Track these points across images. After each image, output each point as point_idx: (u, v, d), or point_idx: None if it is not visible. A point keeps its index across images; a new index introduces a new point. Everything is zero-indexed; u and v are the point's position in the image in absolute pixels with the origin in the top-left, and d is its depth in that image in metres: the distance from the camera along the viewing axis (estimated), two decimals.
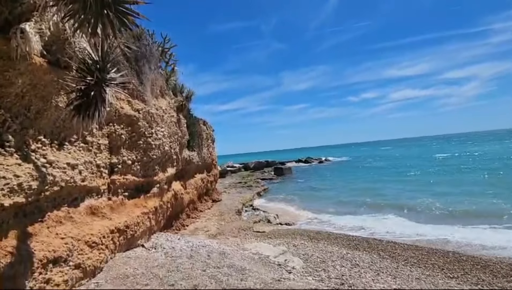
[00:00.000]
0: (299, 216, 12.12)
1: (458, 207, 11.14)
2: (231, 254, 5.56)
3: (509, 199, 11.53)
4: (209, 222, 10.85)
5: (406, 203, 12.46)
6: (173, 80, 8.99)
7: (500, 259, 6.27)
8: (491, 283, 5.15)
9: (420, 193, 14.38)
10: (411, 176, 21.80)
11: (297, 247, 7.48)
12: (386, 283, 5.16)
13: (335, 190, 17.90)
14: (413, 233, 8.82)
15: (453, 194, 13.57)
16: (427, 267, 5.92)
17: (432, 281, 5.25)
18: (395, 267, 5.94)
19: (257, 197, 17.08)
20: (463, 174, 20.05)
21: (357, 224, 10.31)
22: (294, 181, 24.29)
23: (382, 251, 7.04)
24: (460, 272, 5.64)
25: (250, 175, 30.13)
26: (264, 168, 34.83)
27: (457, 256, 6.41)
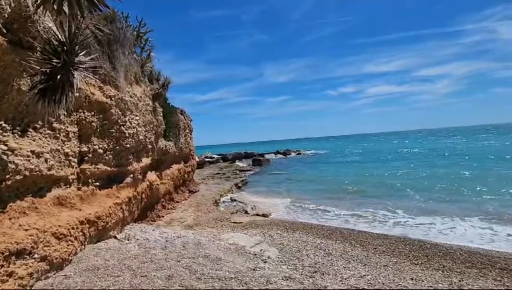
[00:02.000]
0: (276, 207, 12.30)
1: (429, 199, 11.80)
2: (206, 244, 5.55)
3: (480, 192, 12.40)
4: (186, 213, 10.75)
5: (386, 194, 13.00)
6: (149, 67, 8.66)
7: (459, 246, 6.75)
8: (451, 268, 5.53)
9: (399, 185, 15.08)
10: (389, 168, 22.73)
11: (273, 237, 7.61)
12: (356, 270, 5.39)
13: (312, 181, 18.32)
14: (387, 222, 9.26)
15: (428, 188, 14.34)
16: (394, 255, 6.26)
17: (398, 267, 5.56)
18: (365, 255, 6.22)
19: (235, 188, 17.10)
20: (437, 168, 21.21)
21: (333, 214, 10.65)
22: (272, 172, 24.56)
23: (354, 240, 7.33)
24: (424, 259, 6.00)
25: (229, 166, 30.08)
26: (243, 159, 34.91)
27: (421, 244, 6.82)
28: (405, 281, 4.88)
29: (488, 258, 5.88)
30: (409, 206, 10.90)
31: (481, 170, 18.24)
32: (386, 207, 11.07)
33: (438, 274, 5.22)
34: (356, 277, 5.08)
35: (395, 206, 11.10)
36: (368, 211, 10.62)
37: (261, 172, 25.86)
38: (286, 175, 22.71)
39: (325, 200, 12.81)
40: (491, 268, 5.41)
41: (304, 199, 13.37)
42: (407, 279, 4.94)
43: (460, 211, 9.86)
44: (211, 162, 31.59)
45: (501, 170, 17.51)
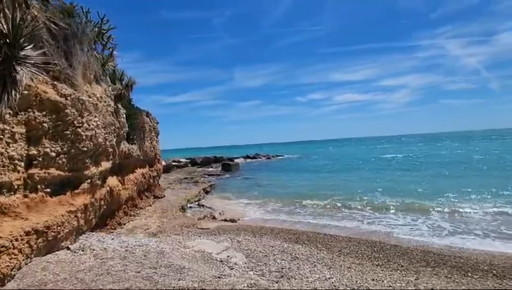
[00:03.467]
0: (245, 212, 12.22)
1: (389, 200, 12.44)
2: (170, 253, 5.30)
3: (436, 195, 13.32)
4: (150, 219, 10.27)
5: (353, 198, 13.46)
6: (111, 66, 8.20)
7: (416, 246, 7.16)
8: (408, 267, 5.83)
9: (365, 188, 15.72)
10: (355, 172, 23.67)
11: (241, 242, 7.51)
12: (321, 273, 5.48)
13: (280, 186, 18.48)
14: (352, 225, 9.57)
15: (392, 189, 15.12)
16: (357, 257, 6.47)
17: (361, 269, 5.75)
18: (330, 258, 6.35)
19: (203, 193, 16.74)
20: (403, 171, 22.50)
21: (301, 217, 10.81)
22: (241, 177, 24.45)
23: (320, 243, 7.47)
24: (384, 260, 6.28)
25: (197, 170, 29.46)
26: (212, 163, 34.40)
27: (382, 246, 7.14)
28: (366, 281, 5.05)
29: (441, 257, 6.29)
30: (374, 206, 11.41)
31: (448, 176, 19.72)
32: (353, 209, 11.49)
33: (397, 273, 5.47)
34: (321, 280, 5.15)
35: (360, 207, 11.56)
36: (335, 214, 10.93)
37: (230, 176, 25.65)
38: (256, 179, 22.74)
39: (294, 204, 12.98)
40: (443, 266, 5.80)
41: (273, 203, 13.45)
42: (369, 279, 5.11)
43: (414, 208, 10.53)
44: (179, 166, 30.69)
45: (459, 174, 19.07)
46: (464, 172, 19.73)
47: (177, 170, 29.85)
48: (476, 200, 11.88)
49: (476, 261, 6.06)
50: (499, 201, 11.31)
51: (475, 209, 10.44)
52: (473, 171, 20.14)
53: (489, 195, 12.48)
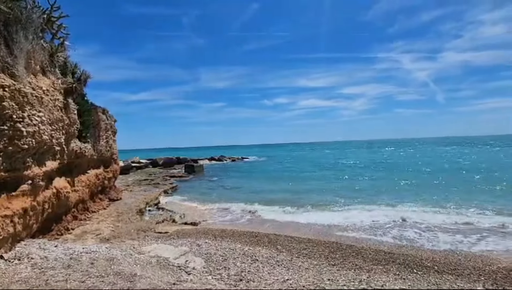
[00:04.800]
0: (207, 215, 11.96)
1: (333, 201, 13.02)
2: (121, 259, 4.96)
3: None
4: (103, 223, 9.60)
5: (310, 201, 13.81)
6: (61, 57, 7.52)
7: (369, 245, 7.55)
8: (361, 266, 6.10)
9: (321, 191, 16.24)
10: (317, 176, 24.43)
11: (201, 246, 7.31)
12: (280, 275, 5.51)
13: (245, 189, 18.46)
14: (313, 226, 9.82)
15: (348, 191, 15.81)
16: (315, 257, 6.63)
17: (318, 269, 5.89)
18: (289, 260, 6.43)
19: (164, 195, 16.11)
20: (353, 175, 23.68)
21: (263, 221, 10.84)
22: (205, 179, 24.01)
23: (280, 245, 7.55)
24: (340, 260, 6.51)
25: (158, 171, 28.35)
26: (175, 165, 33.32)
27: (339, 246, 7.41)
28: (323, 282, 5.18)
29: (390, 255, 6.70)
30: (332, 208, 11.85)
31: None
32: (314, 210, 11.82)
33: (351, 273, 5.70)
34: (280, 281, 5.18)
35: (321, 208, 11.94)
36: (297, 216, 11.14)
37: (193, 178, 25.05)
38: (220, 181, 22.48)
39: (257, 206, 13.00)
40: (392, 264, 6.17)
41: (236, 205, 13.33)
42: (325, 280, 5.25)
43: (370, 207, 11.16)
44: (138, 167, 29.26)
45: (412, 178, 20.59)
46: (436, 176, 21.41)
47: (136, 171, 28.43)
48: (419, 200, 12.90)
49: (421, 258, 6.55)
50: (440, 201, 12.41)
51: (418, 209, 11.33)
52: (423, 173, 21.98)
53: (434, 197, 13.63)
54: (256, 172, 29.17)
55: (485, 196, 13.47)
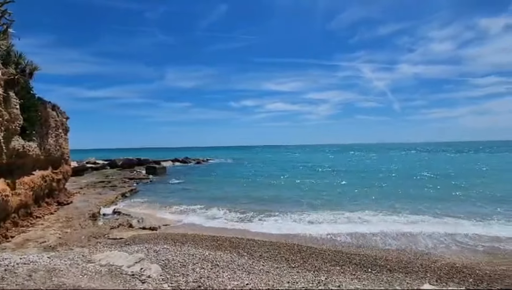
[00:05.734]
0: (167, 219, 11.48)
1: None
2: (65, 270, 4.51)
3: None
4: (49, 230, 8.75)
5: (279, 203, 13.91)
6: (3, 45, 6.72)
7: (328, 247, 7.77)
8: (320, 268, 6.23)
9: (291, 193, 16.46)
10: (283, 180, 24.71)
11: (158, 252, 6.95)
12: (240, 279, 5.41)
13: (208, 192, 18.07)
14: (275, 229, 9.86)
15: (309, 193, 16.18)
16: (276, 260, 6.64)
17: (278, 272, 5.89)
18: (250, 264, 6.36)
19: (121, 199, 15.20)
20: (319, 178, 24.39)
21: (225, 224, 10.66)
22: (167, 182, 23.14)
23: (242, 249, 7.45)
24: (300, 262, 6.59)
25: (117, 173, 26.77)
26: (135, 166, 31.70)
27: (299, 248, 7.52)
28: (282, 284, 5.18)
29: (347, 256, 6.95)
30: (295, 210, 12.04)
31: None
32: (278, 213, 11.89)
33: (310, 274, 5.78)
34: (240, 286, 5.08)
35: (284, 211, 12.07)
36: (260, 219, 11.14)
37: (155, 180, 24.02)
38: (183, 184, 21.81)
39: (220, 210, 12.77)
40: (349, 264, 6.39)
41: (198, 209, 12.99)
42: (284, 282, 5.26)
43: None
44: (94, 169, 27.35)
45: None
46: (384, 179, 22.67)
47: (92, 172, 26.54)
48: (377, 203, 13.66)
49: (375, 258, 6.88)
50: (396, 203, 13.25)
51: (375, 211, 11.99)
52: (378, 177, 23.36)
53: (390, 200, 14.51)
54: (221, 175, 28.82)
55: (432, 199, 14.65)
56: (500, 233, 8.92)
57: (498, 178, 20.85)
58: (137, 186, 19.61)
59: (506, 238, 8.48)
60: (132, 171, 29.15)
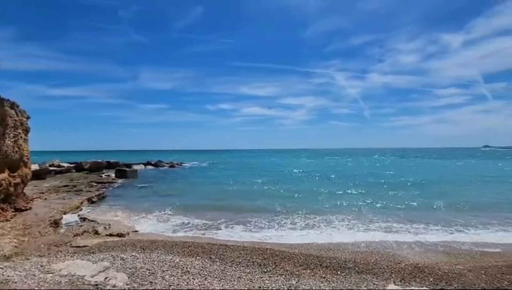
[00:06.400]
0: (137, 225, 11.04)
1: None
2: (19, 281, 4.17)
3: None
4: (3, 239, 8.07)
5: (253, 207, 13.86)
6: None
7: (300, 251, 7.86)
8: (292, 271, 6.28)
9: (265, 197, 16.47)
10: (257, 183, 24.72)
11: (126, 260, 6.65)
12: (211, 286, 5.32)
13: (181, 196, 17.64)
14: (247, 233, 9.81)
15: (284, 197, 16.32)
16: (248, 265, 6.61)
17: (250, 277, 5.86)
18: (222, 269, 6.27)
19: (87, 204, 14.42)
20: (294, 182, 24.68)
21: (198, 230, 10.45)
22: (138, 186, 22.29)
23: (214, 254, 7.34)
24: (272, 266, 6.61)
25: (83, 177, 25.36)
26: (104, 169, 30.25)
27: (272, 252, 7.54)
28: None
29: (318, 259, 7.08)
30: (268, 215, 12.09)
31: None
32: (252, 217, 11.87)
33: (282, 278, 5.81)
34: None
35: (257, 216, 12.07)
36: (234, 224, 11.05)
37: (125, 184, 23.06)
38: (155, 188, 21.14)
39: (193, 215, 12.51)
40: (319, 267, 6.52)
41: (170, 214, 12.65)
42: (255, 287, 5.24)
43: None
44: (58, 172, 25.72)
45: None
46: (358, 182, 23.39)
47: (55, 176, 24.93)
48: (346, 207, 14.11)
49: (345, 260, 7.07)
50: (362, 206, 13.77)
51: (344, 214, 12.38)
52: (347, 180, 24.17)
53: (359, 202, 15.03)
54: (195, 179, 28.28)
55: (401, 204, 15.41)
56: (460, 235, 9.60)
57: (464, 185, 22.03)
58: (105, 191, 18.69)
59: (464, 241, 9.12)
60: (101, 174, 27.76)
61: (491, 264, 6.90)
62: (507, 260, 7.25)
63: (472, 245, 8.54)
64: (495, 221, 11.10)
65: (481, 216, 11.86)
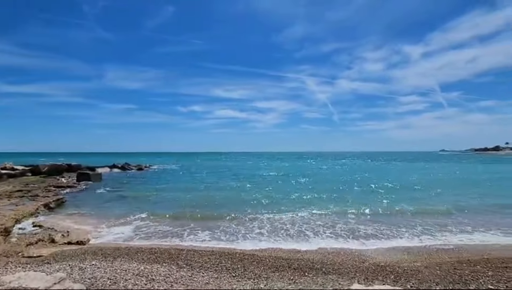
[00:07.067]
0: (98, 231, 10.43)
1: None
2: None
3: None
4: None
5: (222, 210, 13.67)
6: None
7: (270, 254, 7.90)
8: (260, 275, 6.27)
9: (234, 201, 16.31)
10: (228, 187, 24.48)
11: (85, 270, 6.24)
12: None
13: (146, 201, 16.88)
14: (217, 238, 9.66)
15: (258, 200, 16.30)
16: (217, 270, 6.50)
17: (218, 282, 5.76)
18: (189, 275, 6.10)
19: (44, 210, 13.36)
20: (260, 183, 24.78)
21: (166, 235, 10.11)
22: (102, 190, 21.09)
23: (181, 260, 7.12)
24: (241, 270, 6.55)
25: (41, 181, 23.51)
26: (64, 172, 28.27)
27: (241, 256, 7.49)
28: None
29: (287, 261, 7.15)
30: (236, 219, 12.03)
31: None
32: (221, 221, 11.72)
33: (250, 282, 5.78)
34: None
35: (229, 219, 11.96)
36: (203, 229, 10.84)
37: (88, 189, 21.72)
38: (120, 192, 20.14)
39: (160, 219, 12.10)
40: (288, 269, 6.58)
41: (136, 219, 12.12)
42: None
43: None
44: (11, 175, 23.58)
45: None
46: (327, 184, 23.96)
47: (8, 180, 22.83)
48: (315, 206, 14.47)
49: (313, 261, 7.21)
50: (333, 206, 14.21)
51: (315, 215, 12.69)
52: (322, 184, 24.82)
53: (329, 203, 15.47)
54: (164, 183, 27.37)
55: (366, 204, 16.09)
56: (424, 236, 10.23)
57: (429, 190, 23.52)
58: (65, 195, 17.47)
59: (424, 240, 9.74)
60: (60, 178, 25.90)
61: (445, 260, 7.42)
62: (459, 256, 7.85)
63: (429, 244, 9.15)
64: (450, 221, 12.02)
65: (441, 218, 12.64)
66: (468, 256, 7.75)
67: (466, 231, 10.59)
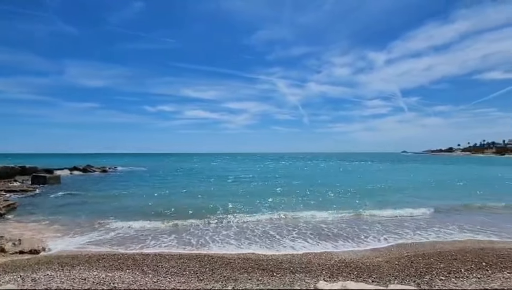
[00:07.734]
0: (55, 238, 9.71)
1: None
2: None
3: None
4: None
5: (189, 213, 13.34)
6: None
7: (238, 256, 7.88)
8: (229, 277, 6.23)
9: (200, 204, 16.01)
10: (197, 189, 23.96)
11: (38, 281, 5.78)
12: None
13: (108, 205, 15.84)
14: (185, 242, 9.42)
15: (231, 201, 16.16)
16: (184, 275, 6.34)
17: (185, 287, 5.63)
18: (155, 281, 5.89)
19: None
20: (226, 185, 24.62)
21: (131, 240, 9.66)
22: (60, 194, 19.61)
23: (147, 266, 6.86)
24: (210, 273, 6.46)
25: None
26: (17, 175, 25.95)
27: (209, 259, 7.38)
28: None
29: (256, 262, 7.18)
30: (204, 221, 11.85)
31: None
32: (187, 227, 11.47)
33: (218, 285, 5.72)
34: None
35: (195, 223, 11.73)
36: (170, 233, 10.53)
37: (44, 193, 20.12)
38: (80, 196, 18.90)
39: (123, 224, 11.51)
40: (257, 270, 6.61)
41: (97, 225, 11.42)
42: None
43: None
44: None
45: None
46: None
47: None
48: (287, 207, 14.72)
49: (281, 261, 7.31)
50: (299, 207, 14.54)
51: (285, 215, 12.90)
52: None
53: (296, 204, 15.78)
54: (130, 185, 26.07)
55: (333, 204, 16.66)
56: (383, 233, 10.79)
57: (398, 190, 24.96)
58: (17, 200, 16.07)
59: (387, 237, 10.29)
60: (12, 181, 23.74)
61: (403, 255, 7.91)
62: (416, 250, 8.40)
63: (391, 241, 9.69)
64: (412, 222, 12.86)
65: (404, 219, 13.47)
66: (424, 250, 8.34)
67: (422, 227, 11.39)
